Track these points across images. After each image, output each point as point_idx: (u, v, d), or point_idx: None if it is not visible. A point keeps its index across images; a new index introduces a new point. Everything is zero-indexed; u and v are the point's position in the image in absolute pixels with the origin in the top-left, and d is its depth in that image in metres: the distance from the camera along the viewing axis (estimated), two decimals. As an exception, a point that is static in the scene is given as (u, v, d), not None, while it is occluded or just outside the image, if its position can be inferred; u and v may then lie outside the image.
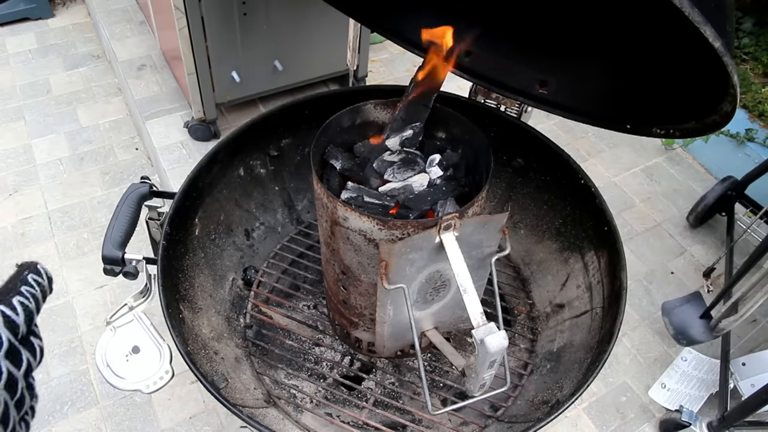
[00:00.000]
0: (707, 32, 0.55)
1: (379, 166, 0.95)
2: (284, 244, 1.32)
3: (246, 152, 1.21)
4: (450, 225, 0.74)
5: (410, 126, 0.96)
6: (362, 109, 0.99)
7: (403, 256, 0.77)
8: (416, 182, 0.92)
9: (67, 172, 2.12)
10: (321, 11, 1.84)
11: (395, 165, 0.94)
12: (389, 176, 0.93)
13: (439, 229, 0.75)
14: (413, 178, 0.93)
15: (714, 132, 0.76)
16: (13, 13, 2.69)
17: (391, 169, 0.94)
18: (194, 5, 1.61)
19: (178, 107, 2.14)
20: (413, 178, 0.93)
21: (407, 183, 0.92)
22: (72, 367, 1.59)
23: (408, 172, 0.94)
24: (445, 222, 0.74)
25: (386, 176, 0.94)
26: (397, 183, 0.93)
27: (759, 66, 2.23)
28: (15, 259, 1.85)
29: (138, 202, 1.02)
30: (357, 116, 0.99)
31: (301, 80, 2.03)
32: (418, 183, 0.92)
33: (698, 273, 1.86)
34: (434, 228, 0.75)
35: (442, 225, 0.74)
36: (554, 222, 1.22)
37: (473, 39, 0.97)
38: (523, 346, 1.17)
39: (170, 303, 0.94)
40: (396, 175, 0.93)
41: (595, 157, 2.22)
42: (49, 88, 2.44)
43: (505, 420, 1.05)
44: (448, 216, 0.74)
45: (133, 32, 2.51)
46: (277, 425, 1.02)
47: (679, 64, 0.78)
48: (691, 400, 1.53)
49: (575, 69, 0.98)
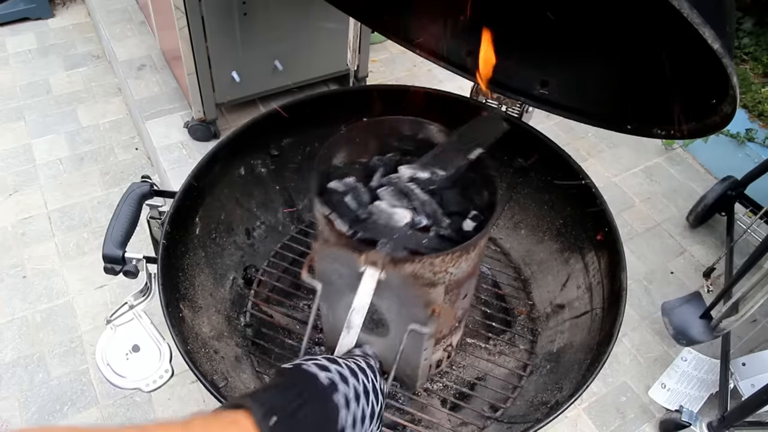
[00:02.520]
0: (706, 33, 0.55)
1: (380, 180, 0.90)
2: (285, 243, 1.32)
3: (246, 151, 1.21)
4: (375, 262, 0.71)
5: (434, 171, 0.88)
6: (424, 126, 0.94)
7: (324, 260, 0.76)
8: (398, 214, 0.85)
9: (67, 172, 2.12)
10: (321, 11, 1.84)
11: (392, 188, 0.89)
12: (382, 193, 0.88)
13: (362, 260, 0.71)
14: (397, 210, 0.86)
15: (714, 133, 0.77)
16: (13, 13, 2.69)
17: (387, 189, 0.88)
18: (194, 5, 1.61)
19: (178, 107, 2.14)
20: (397, 210, 0.86)
21: (391, 210, 0.86)
22: (72, 366, 1.60)
23: (399, 201, 0.87)
24: (371, 257, 0.71)
25: (379, 191, 0.89)
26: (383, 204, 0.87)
27: (759, 66, 2.23)
28: (15, 259, 1.85)
29: (138, 201, 1.02)
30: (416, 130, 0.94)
31: (302, 80, 2.04)
32: (399, 216, 0.85)
33: (698, 273, 1.86)
34: (356, 255, 0.72)
35: (365, 257, 0.71)
36: (555, 222, 1.22)
37: (476, 39, 0.98)
38: (523, 347, 1.17)
39: (170, 302, 0.94)
40: (386, 197, 0.88)
41: (595, 157, 2.22)
42: (49, 88, 2.44)
43: (504, 420, 1.05)
44: (375, 253, 0.71)
45: (133, 32, 2.51)
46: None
47: (680, 65, 0.78)
48: (691, 400, 1.53)
49: (576, 69, 0.99)
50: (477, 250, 0.83)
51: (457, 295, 0.89)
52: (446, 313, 0.92)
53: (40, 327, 1.69)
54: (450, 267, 0.79)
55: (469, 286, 0.92)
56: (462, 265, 0.81)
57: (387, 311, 0.80)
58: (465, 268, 0.82)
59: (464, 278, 0.85)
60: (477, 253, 0.84)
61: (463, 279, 0.85)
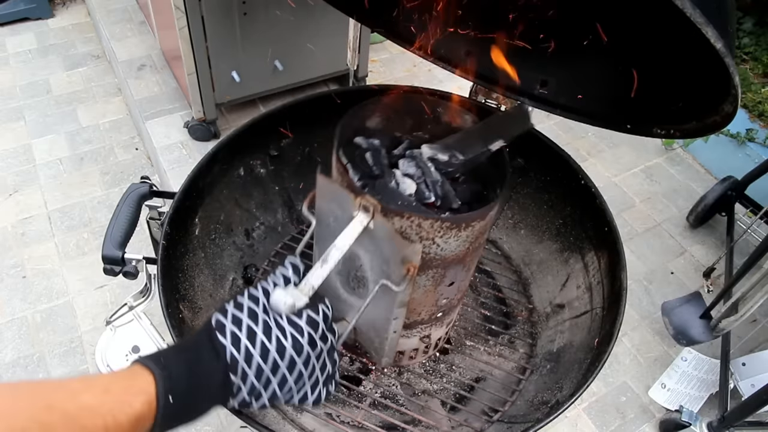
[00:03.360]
0: (709, 33, 0.55)
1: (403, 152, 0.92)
2: (285, 242, 1.32)
3: (246, 152, 1.21)
4: (368, 207, 0.69)
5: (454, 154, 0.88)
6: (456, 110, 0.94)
7: (324, 197, 0.76)
8: (406, 184, 0.88)
9: (67, 172, 2.12)
10: (321, 11, 1.84)
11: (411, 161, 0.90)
12: (400, 162, 0.90)
13: (357, 203, 0.69)
14: (407, 180, 0.89)
15: (714, 132, 0.76)
16: (13, 13, 2.69)
17: (406, 161, 0.90)
18: (194, 5, 1.61)
19: (178, 107, 2.14)
20: (407, 180, 0.89)
21: (401, 179, 0.89)
22: (72, 366, 1.59)
23: (413, 173, 0.90)
24: (364, 200, 0.69)
25: (400, 161, 0.91)
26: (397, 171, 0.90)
27: (759, 66, 2.23)
28: (15, 258, 1.85)
29: (138, 201, 1.02)
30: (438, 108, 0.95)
31: (302, 80, 2.03)
32: (406, 185, 0.88)
33: (698, 273, 1.86)
34: (353, 196, 0.70)
35: (360, 201, 0.69)
36: (554, 222, 1.22)
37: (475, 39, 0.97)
38: (522, 350, 1.17)
39: (170, 303, 0.94)
40: (403, 166, 0.90)
41: (595, 157, 2.22)
42: (49, 88, 2.44)
43: (504, 420, 1.05)
44: (369, 198, 0.69)
45: (133, 32, 2.51)
46: (277, 425, 1.02)
47: (681, 65, 0.78)
48: (691, 400, 1.53)
49: (576, 69, 0.98)
50: (468, 233, 0.81)
51: (441, 277, 0.87)
52: (425, 294, 0.90)
53: (40, 327, 1.69)
54: (438, 237, 0.78)
55: (457, 274, 0.90)
56: (450, 242, 0.80)
57: (368, 268, 0.78)
58: (453, 246, 0.82)
59: (451, 260, 0.84)
60: (468, 238, 0.83)
61: (449, 260, 0.84)
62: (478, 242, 0.88)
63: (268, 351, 0.58)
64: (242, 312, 0.60)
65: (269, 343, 0.58)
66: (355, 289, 0.83)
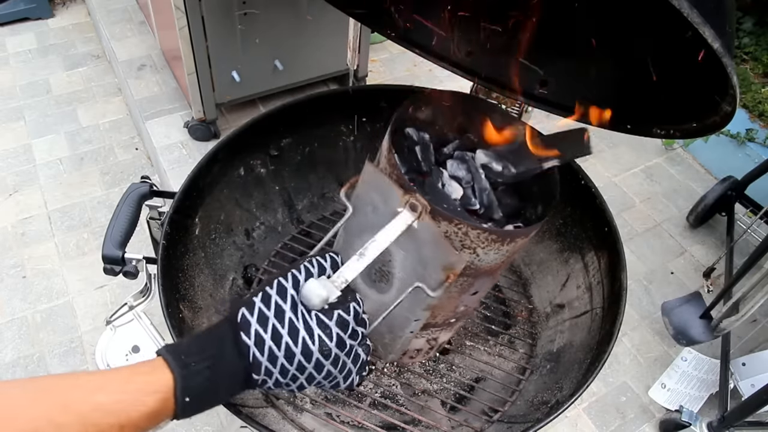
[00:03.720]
0: (706, 33, 0.55)
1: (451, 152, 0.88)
2: (286, 242, 1.32)
3: (246, 152, 1.21)
4: (416, 206, 0.66)
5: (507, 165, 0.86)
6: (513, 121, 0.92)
7: (367, 185, 0.73)
8: (452, 187, 0.85)
9: (67, 172, 2.12)
10: (321, 11, 1.84)
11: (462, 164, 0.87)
12: (450, 162, 0.87)
13: (405, 199, 0.66)
14: (454, 183, 0.85)
15: (714, 132, 0.76)
16: (13, 13, 2.69)
17: (456, 162, 0.87)
18: (194, 5, 1.61)
19: (178, 107, 2.14)
20: (454, 183, 0.85)
21: (448, 181, 0.86)
22: (72, 366, 1.59)
23: (460, 175, 0.87)
24: (413, 198, 0.66)
25: (448, 161, 0.87)
26: (445, 172, 0.87)
27: (759, 66, 2.23)
28: (15, 258, 1.85)
29: (138, 201, 1.02)
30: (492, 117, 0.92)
31: (302, 80, 2.03)
32: (453, 188, 0.85)
33: (698, 273, 1.86)
34: (402, 192, 0.67)
35: (409, 198, 0.66)
36: (554, 222, 1.22)
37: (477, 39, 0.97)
38: (522, 351, 1.17)
39: (170, 302, 0.94)
40: (452, 168, 0.87)
41: (595, 157, 2.22)
42: (49, 88, 2.44)
43: (504, 420, 1.05)
44: (420, 197, 0.66)
45: (133, 32, 2.51)
46: (277, 425, 1.02)
47: (680, 65, 0.78)
48: (691, 400, 1.53)
49: (576, 69, 0.98)
50: (510, 248, 0.80)
51: (469, 286, 0.86)
52: (449, 300, 0.88)
53: (40, 327, 1.69)
54: (479, 248, 0.76)
55: (483, 285, 0.89)
56: (490, 254, 0.78)
57: (399, 266, 0.75)
58: (491, 259, 0.80)
59: (484, 271, 0.83)
60: (508, 253, 0.81)
61: (482, 270, 0.82)
62: (513, 257, 0.87)
63: (294, 354, 0.57)
64: (269, 309, 0.58)
65: (295, 346, 0.57)
66: (376, 282, 0.80)
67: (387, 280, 0.78)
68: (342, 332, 0.59)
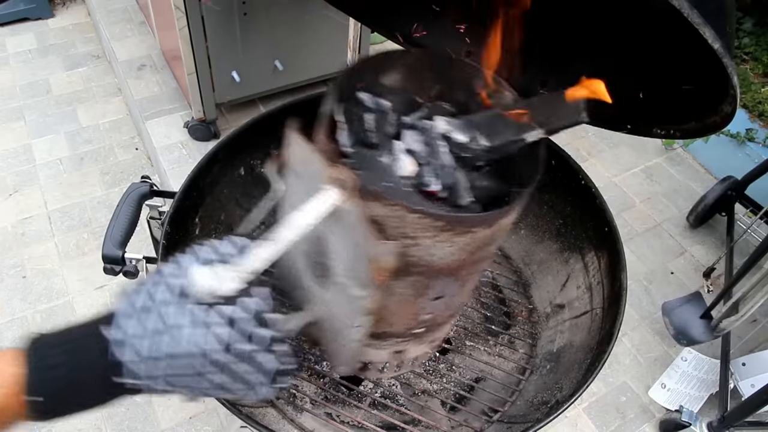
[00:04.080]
0: (706, 33, 0.55)
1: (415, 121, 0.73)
2: (284, 244, 1.32)
3: (246, 152, 1.21)
4: (344, 183, 0.54)
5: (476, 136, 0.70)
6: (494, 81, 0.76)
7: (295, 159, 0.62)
8: (401, 162, 0.69)
9: (67, 172, 2.12)
10: (321, 11, 1.84)
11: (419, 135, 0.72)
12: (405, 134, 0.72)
13: (329, 174, 0.54)
14: (403, 158, 0.70)
15: (714, 132, 0.76)
16: (13, 13, 2.69)
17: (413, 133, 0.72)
18: (194, 5, 1.61)
19: (178, 107, 2.14)
20: (404, 158, 0.70)
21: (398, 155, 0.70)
22: (72, 366, 1.59)
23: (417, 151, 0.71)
24: (340, 173, 0.54)
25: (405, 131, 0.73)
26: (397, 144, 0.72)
27: (759, 66, 2.23)
28: (15, 259, 1.85)
29: (138, 201, 1.02)
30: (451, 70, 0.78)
31: (302, 80, 2.04)
32: (401, 164, 0.69)
33: (698, 273, 1.86)
34: (326, 165, 0.55)
35: (336, 173, 0.54)
36: (554, 222, 1.22)
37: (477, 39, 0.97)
38: (522, 351, 1.17)
39: (170, 303, 0.94)
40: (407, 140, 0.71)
41: (595, 157, 2.22)
42: (49, 88, 2.44)
43: (504, 420, 1.05)
44: (346, 172, 0.54)
45: (133, 32, 2.51)
46: (276, 425, 1.02)
47: (680, 65, 0.78)
48: (691, 400, 1.53)
49: (575, 69, 0.98)
50: (466, 240, 0.65)
51: (424, 287, 0.72)
52: (401, 304, 0.74)
53: (40, 327, 1.69)
54: (425, 237, 0.62)
55: (446, 288, 0.74)
56: (441, 247, 0.65)
57: (336, 258, 0.63)
58: (445, 253, 0.66)
59: (439, 269, 0.69)
60: (467, 246, 0.67)
61: (437, 268, 0.68)
62: (480, 254, 0.72)
63: (160, 355, 0.48)
64: (138, 300, 0.50)
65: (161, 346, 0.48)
66: (318, 277, 0.68)
67: (327, 275, 0.65)
68: (231, 333, 0.49)
